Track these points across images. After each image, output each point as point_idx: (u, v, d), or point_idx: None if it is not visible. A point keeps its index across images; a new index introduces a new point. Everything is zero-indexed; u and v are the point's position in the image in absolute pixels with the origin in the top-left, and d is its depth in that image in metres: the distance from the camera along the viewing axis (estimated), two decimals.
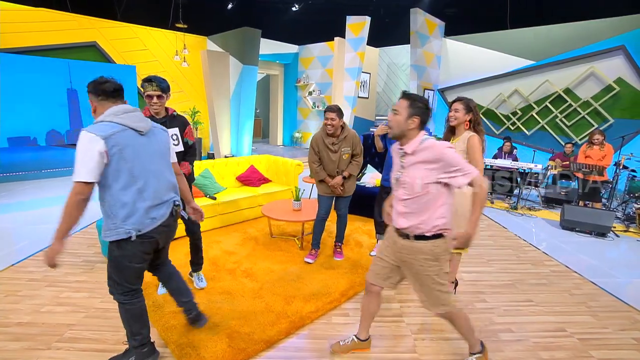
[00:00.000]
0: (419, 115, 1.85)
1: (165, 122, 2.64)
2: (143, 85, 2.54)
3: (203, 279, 3.11)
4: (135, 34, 8.30)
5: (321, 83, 10.96)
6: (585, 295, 3.17)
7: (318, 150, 3.45)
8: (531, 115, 8.31)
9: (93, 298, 2.87)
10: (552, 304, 3.00)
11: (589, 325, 2.72)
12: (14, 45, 6.51)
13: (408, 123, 1.85)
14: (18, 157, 6.74)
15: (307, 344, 2.42)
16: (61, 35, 7.09)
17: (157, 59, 8.83)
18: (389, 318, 2.73)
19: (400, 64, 10.54)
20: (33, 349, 2.27)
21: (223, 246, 3.95)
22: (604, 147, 5.67)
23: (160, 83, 2.56)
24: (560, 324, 2.71)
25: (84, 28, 7.41)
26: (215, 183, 4.79)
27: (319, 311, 2.73)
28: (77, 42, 7.31)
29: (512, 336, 2.54)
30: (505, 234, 4.74)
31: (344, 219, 3.68)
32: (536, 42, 8.13)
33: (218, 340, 2.36)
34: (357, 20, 8.72)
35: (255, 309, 2.73)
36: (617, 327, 2.69)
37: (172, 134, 2.65)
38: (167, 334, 2.41)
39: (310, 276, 3.28)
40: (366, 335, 2.35)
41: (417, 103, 1.86)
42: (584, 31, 7.55)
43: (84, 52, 7.43)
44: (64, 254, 3.59)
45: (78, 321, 2.57)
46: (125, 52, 8.15)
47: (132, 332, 2.10)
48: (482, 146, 2.59)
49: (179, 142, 2.71)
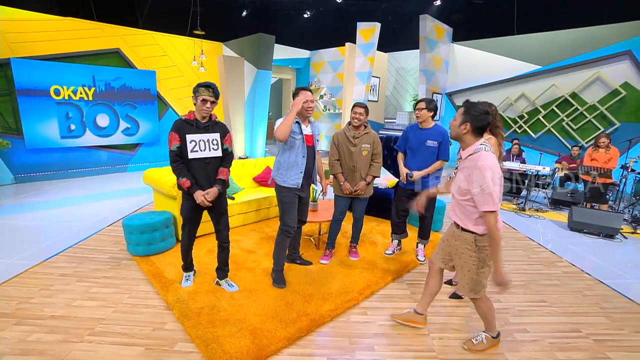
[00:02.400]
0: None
1: (208, 127, 2.68)
2: (198, 89, 2.57)
3: (233, 283, 3.05)
4: (155, 41, 8.34)
5: (332, 87, 10.92)
6: (598, 296, 3.09)
7: (338, 143, 3.41)
8: (538, 118, 8.17)
9: (121, 294, 2.88)
10: (566, 304, 2.94)
11: (604, 326, 2.65)
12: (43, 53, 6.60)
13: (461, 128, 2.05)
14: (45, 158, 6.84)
15: (327, 341, 2.40)
16: (87, 43, 7.17)
17: (176, 64, 8.87)
18: None
19: (409, 69, 10.46)
20: (67, 341, 2.29)
21: (242, 245, 3.95)
22: (609, 150, 5.55)
23: (216, 90, 2.63)
24: (575, 325, 2.65)
25: (109, 36, 7.47)
26: (234, 183, 4.79)
27: (337, 309, 2.71)
28: (101, 49, 7.39)
29: (528, 336, 2.49)
30: (515, 235, 4.66)
31: (360, 222, 3.64)
32: (543, 47, 8.00)
33: (242, 336, 2.35)
34: (367, 26, 8.67)
35: (276, 307, 2.71)
36: (633, 329, 2.62)
37: (213, 139, 2.69)
38: (193, 330, 2.41)
39: (328, 275, 3.26)
40: (423, 310, 2.51)
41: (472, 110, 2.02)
42: (590, 37, 7.41)
43: (108, 58, 7.50)
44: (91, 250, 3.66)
45: (107, 315, 2.58)
46: (146, 57, 8.20)
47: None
48: (500, 150, 2.56)
49: (219, 147, 2.73)
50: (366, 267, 3.41)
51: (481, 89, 8.98)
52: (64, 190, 6.17)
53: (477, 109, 1.96)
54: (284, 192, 2.96)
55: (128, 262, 3.46)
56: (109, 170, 7.79)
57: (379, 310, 2.76)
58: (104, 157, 7.74)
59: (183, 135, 2.59)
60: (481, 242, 2.08)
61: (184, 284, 3.00)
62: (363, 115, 3.28)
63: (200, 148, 2.64)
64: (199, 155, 2.64)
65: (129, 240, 3.56)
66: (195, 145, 2.62)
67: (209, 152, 2.68)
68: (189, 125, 2.62)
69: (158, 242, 3.63)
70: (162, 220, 3.66)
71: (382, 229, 4.46)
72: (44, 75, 6.45)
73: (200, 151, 2.64)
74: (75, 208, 5.13)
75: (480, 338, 2.34)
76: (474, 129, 1.97)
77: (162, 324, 2.51)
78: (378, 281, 3.14)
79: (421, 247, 3.75)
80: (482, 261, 2.12)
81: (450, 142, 3.47)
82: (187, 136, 2.59)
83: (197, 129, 2.63)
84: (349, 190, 3.37)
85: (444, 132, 3.30)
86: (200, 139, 2.64)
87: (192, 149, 2.61)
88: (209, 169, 2.70)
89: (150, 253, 3.57)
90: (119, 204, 5.43)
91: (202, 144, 2.65)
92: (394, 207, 3.61)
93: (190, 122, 2.63)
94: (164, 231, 3.69)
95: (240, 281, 3.10)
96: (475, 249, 2.10)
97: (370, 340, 2.41)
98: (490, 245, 1.97)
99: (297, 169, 2.93)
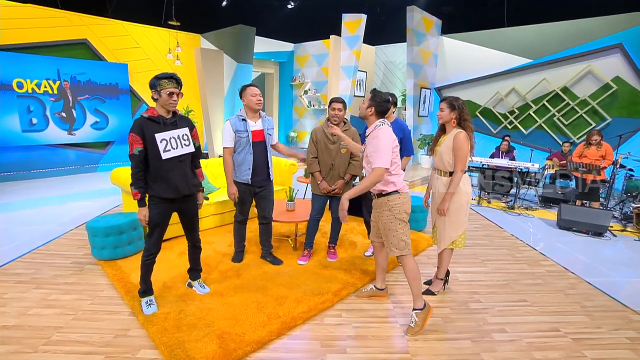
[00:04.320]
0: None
1: (175, 122, 2.61)
2: (160, 82, 2.47)
3: (205, 285, 3.07)
4: (127, 32, 8.27)
5: (317, 82, 10.97)
6: (581, 295, 3.20)
7: (316, 140, 3.45)
8: (528, 114, 8.35)
9: (82, 300, 2.87)
10: (547, 304, 3.03)
11: (583, 325, 2.74)
12: (3, 43, 6.47)
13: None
14: (6, 157, 6.72)
15: (298, 344, 2.43)
16: (51, 33, 7.05)
17: (150, 57, 8.80)
18: (383, 319, 2.74)
19: (397, 62, 10.55)
20: (19, 352, 2.27)
21: (216, 247, 3.96)
22: (601, 147, 5.70)
23: (179, 80, 2.56)
24: (555, 324, 2.73)
25: (75, 25, 7.37)
26: (208, 183, 4.79)
27: (311, 311, 2.75)
28: (67, 39, 7.27)
29: (506, 336, 2.56)
30: (501, 234, 4.77)
31: (339, 221, 3.67)
32: (533, 40, 8.18)
33: (208, 341, 2.37)
34: (353, 18, 8.73)
35: (246, 310, 2.73)
36: (612, 327, 2.72)
37: (183, 134, 2.63)
38: (157, 336, 2.41)
39: (304, 276, 3.29)
40: (382, 285, 3.02)
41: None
42: (581, 29, 7.60)
43: (74, 49, 7.40)
44: (53, 255, 3.62)
45: (66, 323, 2.56)
46: (116, 49, 8.12)
47: None
48: (471, 142, 2.72)
49: (190, 142, 2.69)
50: (344, 268, 3.46)
51: (471, 84, 9.13)
52: (26, 191, 6.08)
53: (380, 97, 2.59)
54: (238, 186, 3.32)
55: (92, 267, 3.44)
56: (78, 171, 7.69)
57: (354, 312, 2.81)
58: (72, 157, 7.64)
59: (149, 135, 2.47)
60: (392, 202, 2.56)
61: (148, 310, 2.69)
62: (342, 111, 3.33)
63: (173, 146, 2.56)
64: (173, 154, 2.56)
65: (94, 244, 3.53)
66: (167, 144, 2.53)
67: (182, 149, 2.62)
68: (154, 123, 2.51)
69: (125, 245, 3.61)
70: (130, 222, 3.65)
71: (362, 229, 4.51)
72: (5, 67, 6.34)
73: (173, 149, 2.55)
74: (37, 210, 5.06)
75: (413, 319, 2.57)
76: (377, 112, 2.60)
77: (125, 331, 2.51)
78: (355, 282, 3.19)
79: None
80: (397, 219, 2.58)
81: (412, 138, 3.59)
82: (156, 135, 2.48)
83: (164, 126, 2.53)
84: (327, 190, 3.42)
85: (404, 126, 3.37)
86: (171, 136, 2.55)
87: (164, 149, 2.51)
88: (183, 167, 2.65)
89: (117, 257, 3.56)
90: (86, 206, 5.37)
91: (174, 142, 2.57)
92: (364, 206, 3.66)
93: (156, 120, 2.51)
94: (132, 233, 3.67)
95: (211, 284, 3.12)
96: (389, 207, 2.57)
97: (343, 342, 2.45)
98: (362, 181, 2.48)
99: (246, 165, 3.25)
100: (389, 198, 2.58)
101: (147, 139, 2.48)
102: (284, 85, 11.99)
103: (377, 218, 2.70)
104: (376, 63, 10.96)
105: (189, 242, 2.96)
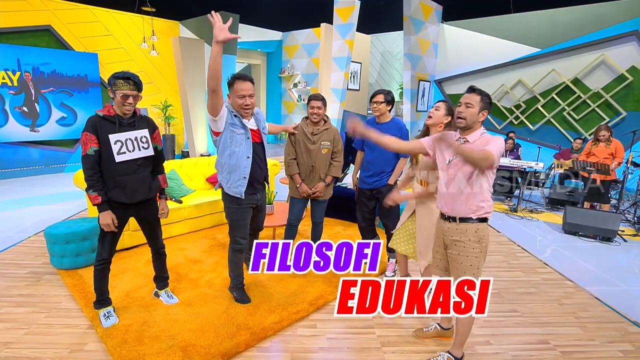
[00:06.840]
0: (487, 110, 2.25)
1: (133, 123, 2.63)
2: (114, 82, 2.48)
3: (173, 295, 3.14)
4: (96, 17, 8.32)
5: (307, 74, 11.05)
6: (576, 305, 3.30)
7: (295, 140, 3.52)
8: (536, 108, 8.47)
9: (37, 313, 2.93)
10: (539, 314, 3.12)
11: (575, 337, 2.83)
12: None
13: (479, 116, 2.22)
14: None
15: (266, 357, 2.52)
16: (9, 18, 7.06)
17: (123, 45, 8.87)
18: (359, 329, 2.83)
19: (395, 53, 10.67)
20: None
21: (188, 253, 4.04)
22: (610, 144, 5.68)
23: (138, 82, 2.55)
24: (544, 336, 2.82)
25: (37, 10, 7.40)
26: (183, 185, 4.87)
27: (283, 322, 2.83)
28: (28, 25, 7.31)
29: (490, 349, 2.65)
30: (498, 239, 4.88)
31: (320, 226, 3.76)
32: (542, 27, 8.27)
33: (171, 353, 2.45)
34: (345, 4, 8.77)
35: (215, 321, 2.82)
36: (606, 340, 2.81)
37: (142, 136, 2.66)
38: (116, 350, 2.48)
39: (279, 285, 3.38)
40: (449, 325, 2.74)
41: (486, 98, 2.25)
42: (594, 15, 7.65)
43: (37, 37, 7.44)
44: (7, 265, 3.67)
45: (17, 339, 2.62)
46: (84, 37, 8.17)
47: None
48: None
49: (149, 145, 2.71)
50: (322, 277, 3.54)
51: (474, 75, 9.22)
52: None
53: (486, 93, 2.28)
54: (229, 202, 2.89)
55: (51, 277, 3.51)
56: (42, 171, 7.75)
57: (330, 323, 2.89)
58: (35, 156, 7.69)
59: (103, 135, 2.50)
60: (482, 231, 2.23)
61: (107, 323, 2.74)
62: (322, 109, 3.42)
63: (129, 148, 2.59)
64: (129, 157, 2.59)
65: (53, 252, 3.59)
66: (122, 146, 2.56)
67: (139, 151, 2.65)
68: (109, 122, 2.53)
69: (88, 252, 3.68)
70: (93, 227, 3.72)
71: (348, 234, 4.60)
72: None
73: (129, 152, 2.59)
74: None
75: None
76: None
77: (81, 345, 2.58)
78: (333, 291, 3.27)
79: (392, 260, 3.74)
80: (484, 253, 2.27)
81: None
82: (110, 136, 2.51)
83: (120, 127, 2.56)
84: (307, 193, 3.50)
85: (402, 126, 3.46)
86: (127, 137, 2.58)
87: (118, 151, 2.54)
88: (141, 171, 2.69)
89: (79, 266, 3.63)
90: (50, 210, 5.44)
91: (130, 144, 2.59)
92: (358, 211, 3.74)
93: (111, 119, 2.54)
94: (95, 240, 3.73)
95: (180, 293, 3.20)
96: (479, 238, 2.22)
97: (315, 355, 2.53)
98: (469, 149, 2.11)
99: (239, 173, 2.80)
100: (479, 227, 2.22)
101: (101, 140, 2.51)
102: (272, 77, 12.08)
103: (456, 249, 2.27)
104: (372, 53, 11.06)
105: (152, 250, 3.04)
